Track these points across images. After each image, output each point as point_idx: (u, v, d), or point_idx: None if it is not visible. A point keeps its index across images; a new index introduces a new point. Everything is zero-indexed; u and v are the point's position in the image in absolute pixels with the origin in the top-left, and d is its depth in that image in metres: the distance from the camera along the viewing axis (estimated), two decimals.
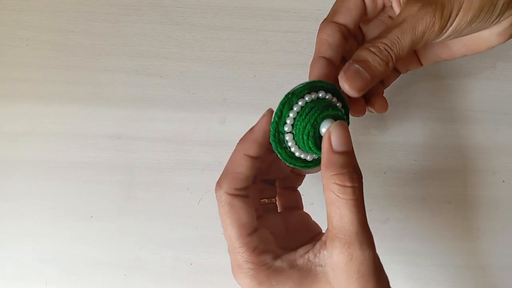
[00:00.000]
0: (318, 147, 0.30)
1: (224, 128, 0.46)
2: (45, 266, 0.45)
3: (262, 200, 0.36)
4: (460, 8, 0.30)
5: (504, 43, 0.34)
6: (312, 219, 0.36)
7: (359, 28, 0.38)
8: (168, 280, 0.44)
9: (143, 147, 0.45)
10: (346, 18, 0.34)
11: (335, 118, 0.30)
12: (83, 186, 0.45)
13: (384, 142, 0.45)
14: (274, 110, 0.31)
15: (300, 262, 0.29)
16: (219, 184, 0.31)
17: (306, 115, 0.30)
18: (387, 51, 0.30)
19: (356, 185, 0.27)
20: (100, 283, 0.44)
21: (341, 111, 0.31)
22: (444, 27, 0.30)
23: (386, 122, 0.46)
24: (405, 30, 0.30)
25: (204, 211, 0.45)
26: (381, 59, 0.30)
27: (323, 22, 0.35)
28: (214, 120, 0.46)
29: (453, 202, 0.45)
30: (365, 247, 0.27)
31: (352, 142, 0.29)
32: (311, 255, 0.29)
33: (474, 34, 0.33)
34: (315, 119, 0.30)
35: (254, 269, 0.29)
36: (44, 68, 0.46)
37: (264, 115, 0.31)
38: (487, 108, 0.45)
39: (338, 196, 0.27)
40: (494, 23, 0.32)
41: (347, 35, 0.34)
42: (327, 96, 0.31)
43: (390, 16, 0.37)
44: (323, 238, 0.29)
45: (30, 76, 0.46)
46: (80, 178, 0.45)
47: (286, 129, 0.30)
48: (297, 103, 0.30)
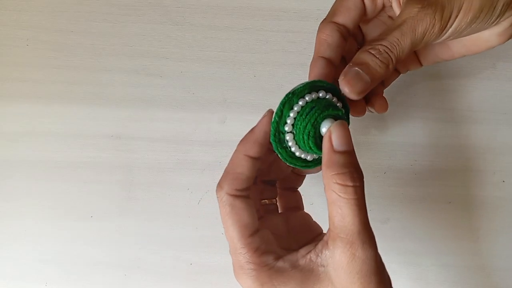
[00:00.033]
0: (318, 147, 0.30)
1: (224, 128, 0.45)
2: (45, 266, 0.45)
3: (263, 201, 0.36)
4: (460, 9, 0.30)
5: (504, 43, 0.34)
6: (313, 219, 0.36)
7: (358, 28, 0.37)
8: (168, 280, 0.44)
9: (143, 147, 0.45)
10: (345, 18, 0.34)
11: (336, 118, 0.30)
12: (83, 186, 0.45)
13: (384, 142, 0.45)
14: (275, 110, 0.31)
15: (302, 262, 0.29)
16: (220, 185, 0.31)
17: (307, 115, 0.30)
18: (387, 53, 0.30)
19: (358, 184, 0.27)
20: (100, 283, 0.44)
21: (341, 111, 0.31)
22: (444, 28, 0.30)
23: (386, 122, 0.46)
24: (405, 32, 0.30)
25: (204, 211, 0.45)
26: (381, 61, 0.30)
27: (322, 22, 0.35)
28: (214, 120, 0.46)
29: (453, 202, 0.45)
30: (367, 247, 0.27)
31: (352, 141, 0.29)
32: (313, 255, 0.29)
33: (474, 35, 0.33)
34: (316, 119, 0.29)
35: (256, 269, 0.29)
36: (44, 68, 0.46)
37: (264, 116, 0.31)
38: (487, 108, 0.45)
39: (340, 196, 0.27)
40: (494, 23, 0.32)
41: (347, 35, 0.34)
42: (328, 96, 0.31)
43: (390, 16, 0.37)
44: (325, 238, 0.29)
45: (30, 76, 0.46)
46: (80, 178, 0.45)
47: (286, 129, 0.30)
48: (297, 103, 0.30)
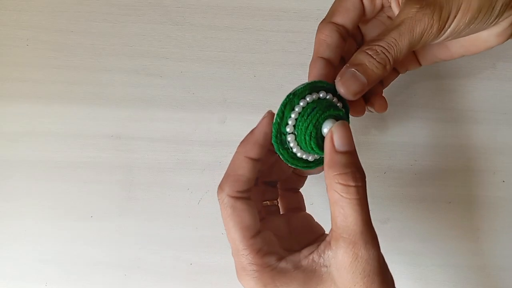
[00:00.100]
0: (320, 147, 0.30)
1: (224, 128, 0.45)
2: (45, 266, 0.45)
3: (264, 202, 0.36)
4: (459, 10, 0.30)
5: (502, 43, 0.34)
6: (315, 220, 0.36)
7: (358, 28, 0.37)
8: (168, 280, 0.44)
9: (143, 147, 0.45)
10: (344, 18, 0.34)
11: (337, 118, 0.30)
12: (83, 186, 0.45)
13: (384, 142, 0.45)
14: (275, 111, 0.30)
15: (305, 263, 0.29)
16: (221, 187, 0.30)
17: (308, 116, 0.30)
18: (384, 54, 0.30)
19: (360, 184, 0.27)
20: (100, 283, 0.44)
21: (342, 111, 0.31)
22: (442, 28, 0.30)
23: (386, 122, 0.46)
24: (403, 32, 0.30)
25: (204, 211, 0.45)
26: (378, 62, 0.30)
27: (321, 22, 0.35)
28: (214, 120, 0.46)
29: (453, 202, 0.45)
30: (370, 246, 0.27)
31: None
32: (315, 256, 0.29)
33: (472, 35, 0.33)
34: (317, 120, 0.29)
35: (258, 271, 0.29)
36: (44, 68, 0.46)
37: (264, 117, 0.31)
38: (487, 108, 0.45)
39: (342, 196, 0.27)
40: (492, 24, 0.32)
41: (346, 36, 0.34)
42: (328, 96, 0.31)
43: (389, 16, 0.37)
44: (327, 238, 0.29)
45: (30, 76, 0.46)
46: (80, 178, 0.45)
47: (288, 130, 0.30)
48: (298, 103, 0.30)
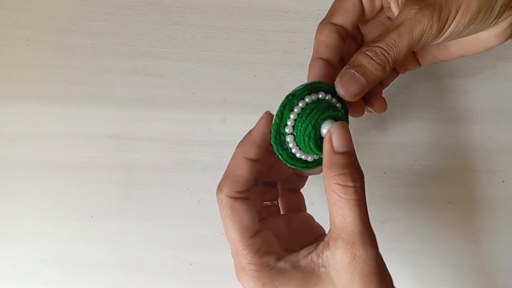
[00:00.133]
0: (319, 148, 0.30)
1: (224, 128, 0.45)
2: (45, 266, 0.45)
3: (265, 202, 0.36)
4: (458, 10, 0.30)
5: (502, 44, 0.34)
6: (316, 220, 0.36)
7: (357, 28, 0.37)
8: (168, 280, 0.44)
9: (143, 147, 0.45)
10: (344, 19, 0.34)
11: (336, 119, 0.30)
12: (83, 186, 0.45)
13: (384, 142, 0.45)
14: (274, 111, 0.30)
15: (303, 263, 0.29)
16: (219, 187, 0.31)
17: (307, 117, 0.30)
18: (383, 55, 0.30)
19: (358, 185, 0.27)
20: (100, 283, 0.44)
21: (341, 112, 0.31)
22: (442, 29, 0.30)
23: (386, 122, 0.46)
24: (402, 33, 0.30)
25: (204, 211, 0.45)
26: (377, 63, 0.30)
27: (321, 23, 0.35)
28: (214, 120, 0.46)
29: (453, 202, 0.45)
30: (368, 247, 0.27)
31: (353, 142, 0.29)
32: (314, 256, 0.29)
33: (472, 36, 0.33)
34: (316, 120, 0.29)
35: (257, 270, 0.29)
36: (44, 68, 0.46)
37: (262, 118, 0.31)
38: (487, 108, 0.45)
39: (340, 197, 0.27)
40: (492, 24, 0.32)
41: (345, 36, 0.34)
42: (327, 97, 0.31)
43: (388, 17, 0.37)
44: (326, 238, 0.29)
45: (30, 76, 0.46)
46: (80, 178, 0.45)
47: (287, 130, 0.30)
48: (297, 104, 0.30)
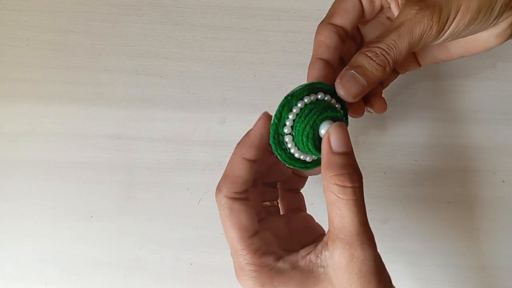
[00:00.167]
0: (317, 148, 0.30)
1: (224, 128, 0.46)
2: (45, 266, 0.45)
3: (264, 203, 0.36)
4: (458, 11, 0.30)
5: (502, 44, 0.34)
6: (315, 221, 0.36)
7: (357, 29, 0.37)
8: (168, 280, 0.44)
9: (143, 147, 0.45)
10: (343, 19, 0.34)
11: (334, 119, 0.30)
12: (83, 186, 0.45)
13: (384, 142, 0.45)
14: (273, 112, 0.30)
15: (302, 263, 0.29)
16: (218, 188, 0.31)
17: (306, 117, 0.30)
18: (383, 55, 0.30)
19: (356, 185, 0.27)
20: (100, 283, 0.45)
21: (340, 113, 0.31)
22: (441, 30, 0.30)
23: (386, 122, 0.45)
24: (402, 34, 0.30)
25: (204, 211, 0.45)
26: (377, 64, 0.30)
27: (321, 23, 0.35)
28: (214, 120, 0.46)
29: (453, 202, 0.45)
30: (366, 247, 0.27)
31: (351, 142, 0.29)
32: (312, 256, 0.29)
33: (472, 36, 0.33)
34: (315, 121, 0.29)
35: (256, 271, 0.29)
36: (44, 68, 0.46)
37: (260, 118, 0.31)
38: (487, 108, 0.45)
39: (339, 197, 0.27)
40: (492, 25, 0.32)
41: (345, 37, 0.34)
42: (326, 98, 0.31)
43: (388, 17, 0.37)
44: (325, 239, 0.29)
45: (30, 76, 0.46)
46: (80, 178, 0.45)
47: (285, 130, 0.30)
48: (296, 105, 0.30)
